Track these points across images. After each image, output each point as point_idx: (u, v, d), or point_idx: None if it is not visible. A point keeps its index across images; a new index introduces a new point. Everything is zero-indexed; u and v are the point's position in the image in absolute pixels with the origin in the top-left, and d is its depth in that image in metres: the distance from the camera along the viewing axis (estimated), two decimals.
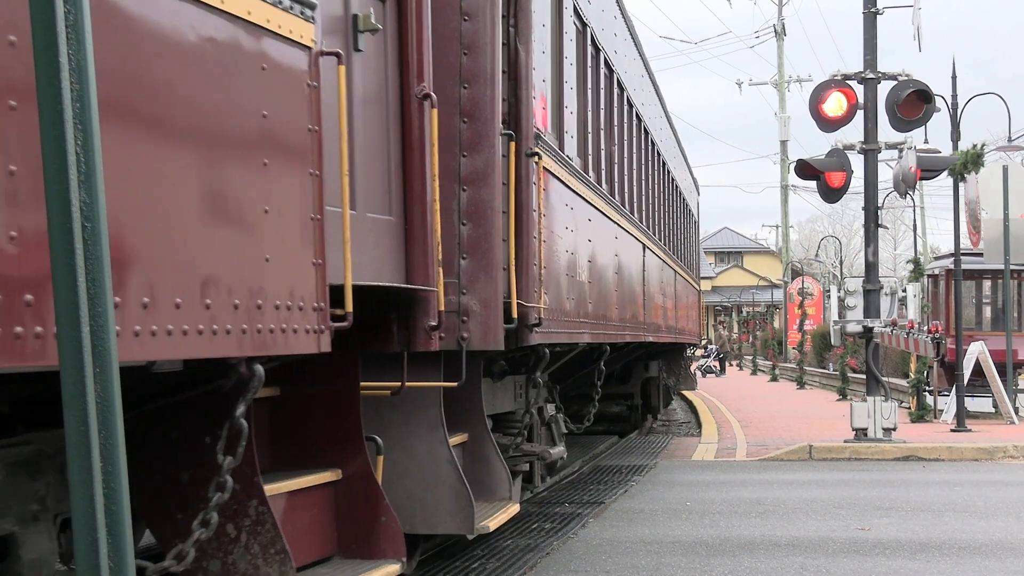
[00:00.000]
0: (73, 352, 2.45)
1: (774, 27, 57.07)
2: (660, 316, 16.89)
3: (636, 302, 13.80)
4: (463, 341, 7.02)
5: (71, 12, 2.45)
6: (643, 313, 14.39)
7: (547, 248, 8.25)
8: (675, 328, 19.96)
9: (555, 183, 8.82)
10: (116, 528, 2.48)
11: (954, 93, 22.70)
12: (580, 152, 10.41)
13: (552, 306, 8.44)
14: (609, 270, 11.69)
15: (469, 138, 7.13)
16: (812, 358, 43.89)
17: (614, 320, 11.83)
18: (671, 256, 19.84)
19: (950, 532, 9.84)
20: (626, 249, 12.98)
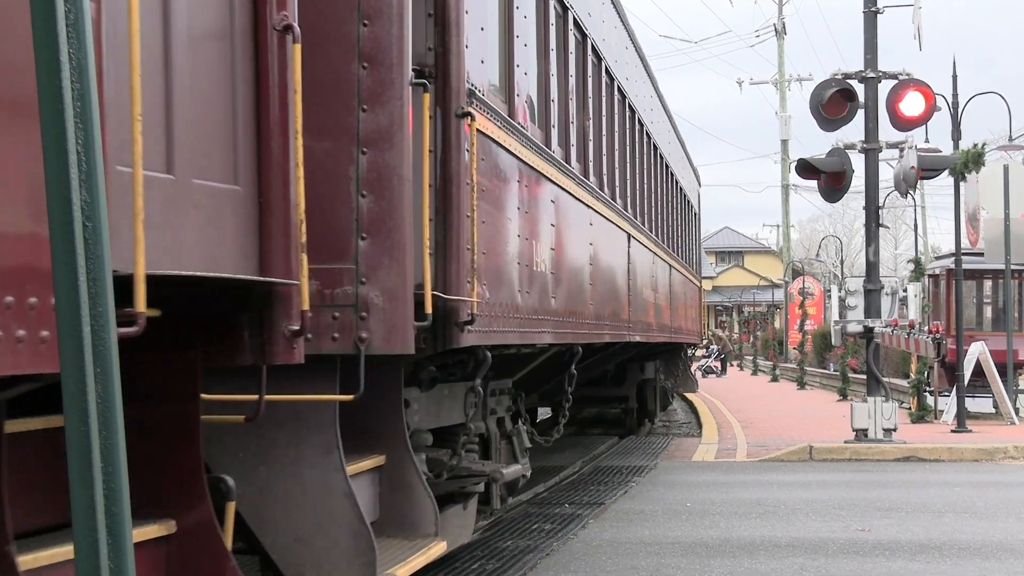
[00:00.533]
0: (73, 352, 2.44)
1: (774, 26, 57.08)
2: (651, 314, 15.57)
3: (619, 298, 12.39)
4: (361, 343, 5.56)
5: (71, 12, 2.44)
6: (628, 310, 12.94)
7: (487, 230, 6.88)
8: (671, 327, 18.50)
9: (501, 153, 7.40)
10: (116, 528, 2.47)
11: (955, 92, 22.70)
12: (541, 123, 8.96)
13: (495, 300, 7.05)
14: (582, 261, 10.19)
15: (370, 87, 5.65)
16: (813, 358, 43.88)
17: (589, 318, 10.37)
18: (665, 249, 18.15)
19: (950, 533, 9.84)
20: (605, 238, 11.50)
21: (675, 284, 19.66)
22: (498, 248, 7.25)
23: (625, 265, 12.93)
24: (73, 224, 2.44)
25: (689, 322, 23.09)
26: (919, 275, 24.32)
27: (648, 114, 16.50)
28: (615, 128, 12.95)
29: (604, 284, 11.41)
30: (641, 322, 14.20)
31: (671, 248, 19.47)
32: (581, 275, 10.16)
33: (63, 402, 2.46)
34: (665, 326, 17.53)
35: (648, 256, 15.40)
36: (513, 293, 7.55)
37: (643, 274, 14.68)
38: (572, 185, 9.73)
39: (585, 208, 10.46)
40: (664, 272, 17.62)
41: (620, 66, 13.61)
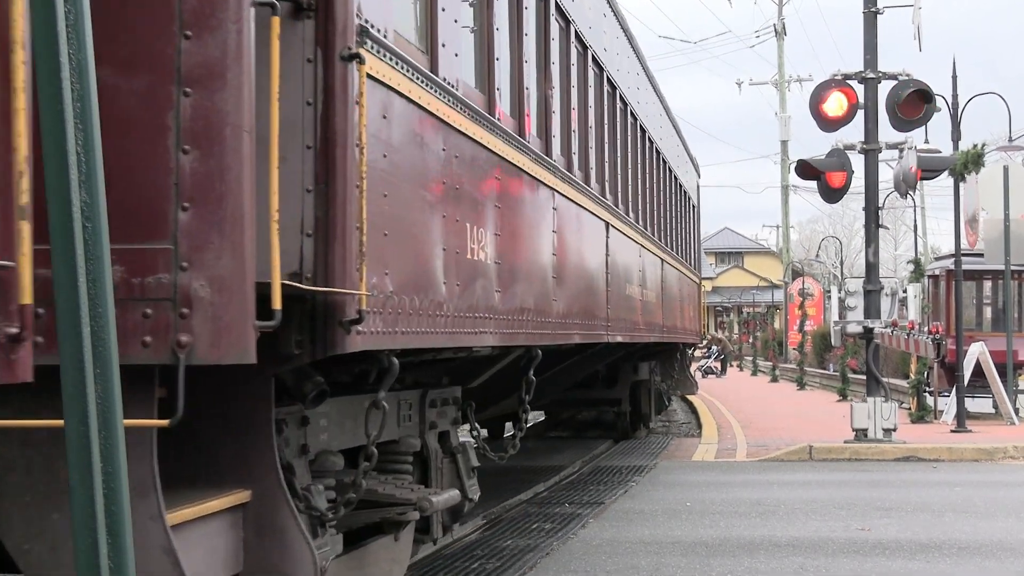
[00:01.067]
0: (73, 352, 2.45)
1: (774, 27, 57.08)
2: (638, 312, 14.12)
3: (594, 294, 10.96)
4: (180, 349, 4.19)
5: (71, 12, 2.45)
6: (606, 308, 11.45)
7: (391, 208, 5.37)
8: (664, 326, 16.87)
9: (415, 114, 5.83)
10: (116, 528, 2.48)
11: (955, 93, 22.70)
12: (481, 84, 7.36)
13: (403, 294, 5.51)
14: (542, 251, 8.70)
15: (196, 7, 4.27)
16: (812, 359, 43.88)
17: (553, 316, 8.90)
18: (657, 242, 16.59)
19: (950, 532, 9.84)
20: (574, 226, 10.11)
21: (669, 280, 17.94)
22: (409, 230, 5.70)
23: (603, 258, 11.45)
24: (73, 224, 2.44)
25: (687, 321, 21.48)
26: (919, 276, 24.32)
27: (633, 92, 14.56)
28: (589, 101, 11.21)
29: (573, 278, 9.93)
30: (624, 321, 12.71)
31: (664, 242, 17.81)
32: (540, 267, 8.65)
33: (63, 402, 2.46)
34: (656, 325, 15.98)
35: (633, 249, 13.82)
36: (433, 286, 6.02)
37: (626, 268, 13.09)
38: (527, 162, 8.12)
39: (547, 191, 8.88)
40: (654, 267, 16.05)
41: (597, 34, 11.60)
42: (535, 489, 12.73)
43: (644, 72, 16.30)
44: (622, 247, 12.76)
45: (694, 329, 23.39)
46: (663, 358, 21.54)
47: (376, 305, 5.12)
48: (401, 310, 5.46)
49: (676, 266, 19.46)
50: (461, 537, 9.69)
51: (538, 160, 8.54)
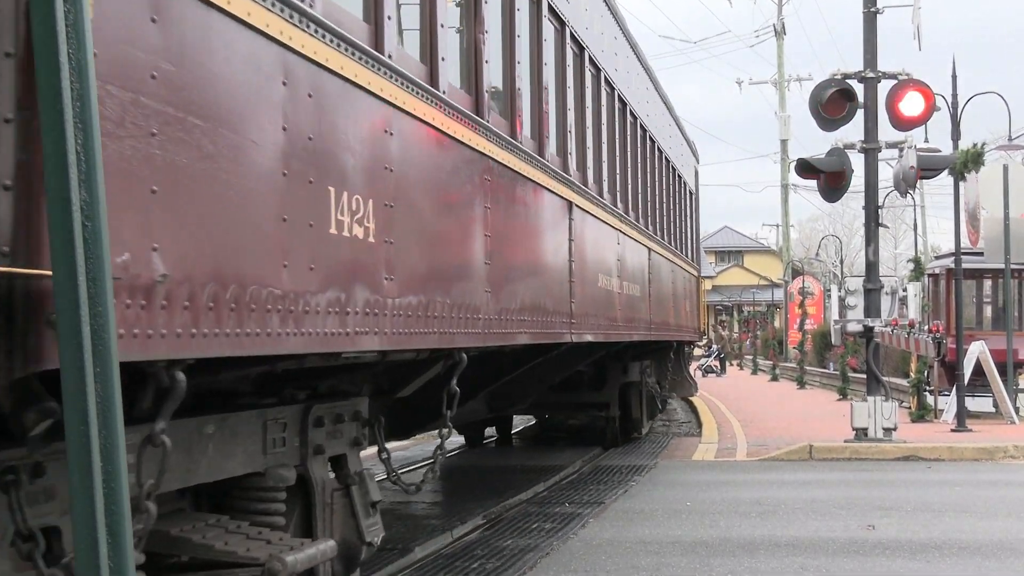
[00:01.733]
0: (73, 352, 2.44)
1: (774, 26, 57.07)
2: (616, 307, 12.29)
3: (551, 285, 9.23)
4: None
5: (71, 12, 2.45)
6: (568, 302, 9.76)
7: (160, 148, 3.60)
8: (654, 323, 15.37)
9: (227, 26, 4.10)
10: (116, 528, 2.48)
11: (954, 92, 22.68)
12: (369, 15, 5.67)
13: (194, 277, 3.84)
14: (464, 230, 7.03)
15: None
16: (812, 358, 43.88)
17: (486, 312, 7.24)
18: (643, 230, 14.85)
19: (950, 532, 9.84)
20: (519, 203, 8.36)
21: (659, 272, 16.30)
22: (206, 188, 3.96)
23: (565, 243, 9.77)
24: (73, 224, 2.44)
25: (683, 317, 19.98)
26: (919, 275, 24.31)
27: (608, 59, 12.60)
28: (543, 56, 9.25)
29: (517, 265, 8.21)
30: (596, 317, 11.10)
31: (653, 230, 16.11)
32: (464, 251, 6.99)
33: (63, 402, 2.46)
34: (642, 322, 14.35)
35: (609, 235, 12.08)
36: (260, 269, 4.36)
37: (599, 257, 11.48)
38: (440, 118, 6.43)
39: (475, 155, 7.12)
40: (639, 256, 14.34)
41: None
42: (535, 489, 12.73)
43: (624, 36, 14.16)
44: (593, 232, 11.06)
45: (691, 326, 21.72)
46: (657, 358, 20.16)
47: (132, 295, 3.41)
48: (190, 303, 3.79)
49: (668, 257, 17.84)
50: (461, 536, 9.70)
51: (465, 120, 6.88)
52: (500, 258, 7.54)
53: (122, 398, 3.56)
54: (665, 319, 17.05)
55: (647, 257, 15.12)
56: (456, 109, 6.72)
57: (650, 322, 15.11)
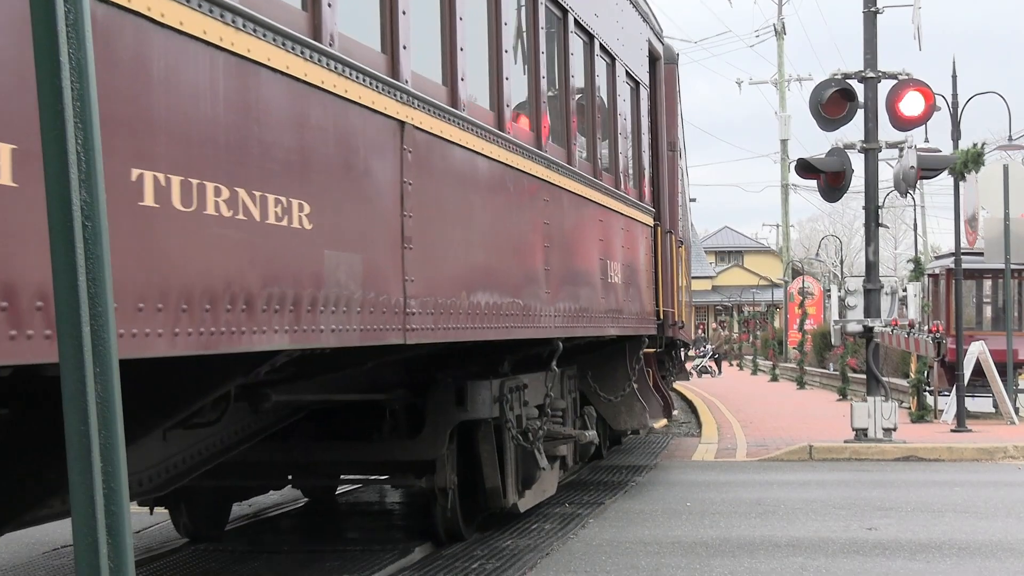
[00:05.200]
0: (73, 352, 2.44)
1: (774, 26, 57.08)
2: (464, 284, 7.33)
3: (375, 253, 6.01)
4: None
5: (71, 12, 2.44)
6: (403, 280, 6.31)
7: None
8: (564, 310, 9.49)
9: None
10: (116, 528, 2.48)
11: (955, 93, 22.70)
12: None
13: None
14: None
15: None
16: (812, 358, 43.86)
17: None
18: (539, 157, 8.96)
19: (950, 532, 9.84)
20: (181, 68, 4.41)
21: (577, 226, 10.31)
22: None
23: (392, 186, 6.26)
24: (73, 224, 2.44)
25: (630, 297, 12.27)
26: (919, 275, 24.31)
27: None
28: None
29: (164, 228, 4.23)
30: (454, 301, 7.05)
31: (569, 159, 9.98)
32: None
33: (63, 402, 2.46)
34: (530, 310, 8.62)
35: (456, 155, 7.32)
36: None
37: (455, 208, 7.25)
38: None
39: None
40: (522, 196, 8.63)
41: None
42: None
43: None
44: (447, 168, 7.11)
45: (649, 310, 13.49)
46: (595, 367, 13.29)
47: None
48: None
49: (600, 201, 11.01)
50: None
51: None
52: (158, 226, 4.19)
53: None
54: (596, 302, 10.65)
55: (546, 197, 9.15)
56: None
57: (560, 309, 9.39)
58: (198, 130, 4.47)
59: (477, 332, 7.42)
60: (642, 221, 13.16)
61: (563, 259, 9.66)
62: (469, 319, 7.24)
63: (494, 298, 7.80)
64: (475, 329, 7.36)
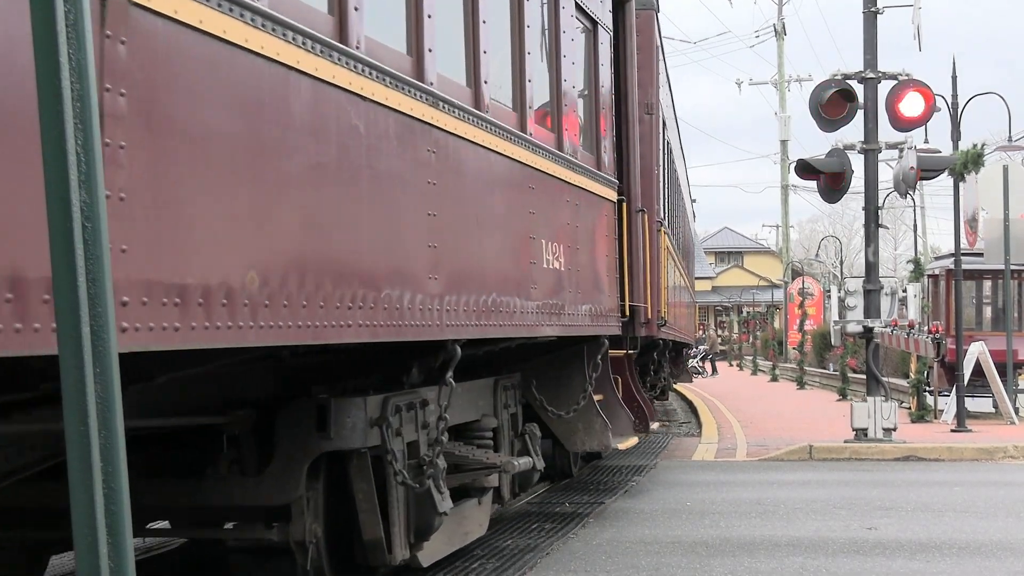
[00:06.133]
0: (73, 352, 2.45)
1: (774, 26, 57.09)
2: (222, 254, 4.43)
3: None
4: None
5: (71, 12, 2.45)
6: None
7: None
8: (466, 304, 6.94)
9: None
10: (116, 528, 2.48)
11: (955, 93, 22.70)
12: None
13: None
14: None
15: None
16: (812, 358, 43.88)
17: None
18: (412, 89, 6.15)
19: (950, 532, 9.84)
20: None
21: (480, 189, 7.53)
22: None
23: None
24: (73, 224, 2.44)
25: (581, 288, 9.61)
26: (919, 275, 24.32)
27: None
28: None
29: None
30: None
31: (476, 100, 7.35)
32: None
33: (63, 402, 2.46)
34: (374, 301, 5.72)
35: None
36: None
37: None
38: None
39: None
40: (364, 136, 5.64)
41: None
42: (535, 489, 12.73)
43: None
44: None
45: (612, 306, 10.71)
46: (543, 375, 10.82)
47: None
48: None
49: (521, 159, 8.13)
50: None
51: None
52: None
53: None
54: (505, 293, 7.74)
55: (427, 151, 6.46)
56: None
57: (439, 302, 6.54)
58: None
59: (264, 334, 4.65)
60: (600, 195, 10.28)
61: (462, 235, 6.90)
62: (252, 314, 4.55)
63: (318, 285, 5.02)
64: (262, 330, 4.62)
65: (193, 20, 4.18)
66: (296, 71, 4.90)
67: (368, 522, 6.98)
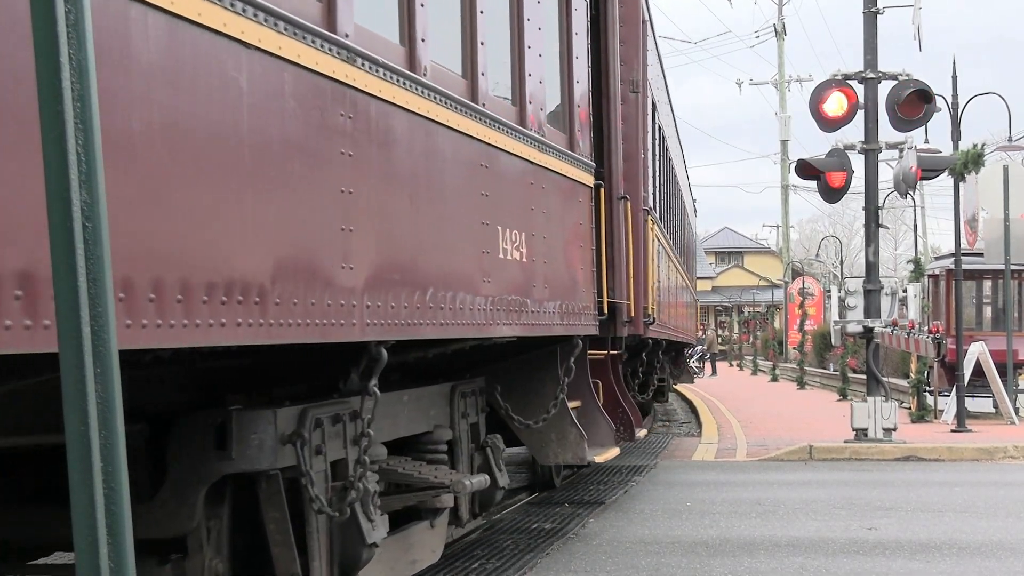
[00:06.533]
0: (73, 352, 2.45)
1: (774, 26, 57.09)
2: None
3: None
4: None
5: (71, 11, 2.45)
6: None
7: None
8: (396, 299, 5.65)
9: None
10: (116, 528, 2.48)
11: (955, 93, 22.70)
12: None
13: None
14: None
15: None
16: (812, 358, 43.89)
17: None
18: (320, 41, 4.88)
19: (950, 532, 9.84)
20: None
21: (415, 165, 6.06)
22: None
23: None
24: (73, 224, 2.44)
25: (549, 282, 8.31)
26: (919, 275, 24.32)
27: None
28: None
29: None
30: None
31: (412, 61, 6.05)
32: None
33: (63, 402, 2.46)
34: (258, 293, 4.44)
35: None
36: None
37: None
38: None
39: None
40: (261, 96, 4.51)
41: None
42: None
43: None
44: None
45: (589, 303, 9.47)
46: (509, 380, 9.49)
47: None
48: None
49: (471, 133, 6.91)
50: (461, 537, 9.70)
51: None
52: None
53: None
54: (450, 287, 6.52)
55: (340, 116, 5.20)
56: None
57: (358, 298, 5.29)
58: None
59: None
60: (573, 178, 9.05)
61: (389, 218, 5.67)
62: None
63: (183, 279, 3.94)
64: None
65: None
66: (152, 7, 3.76)
67: (282, 556, 5.82)
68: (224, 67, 4.24)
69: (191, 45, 4.02)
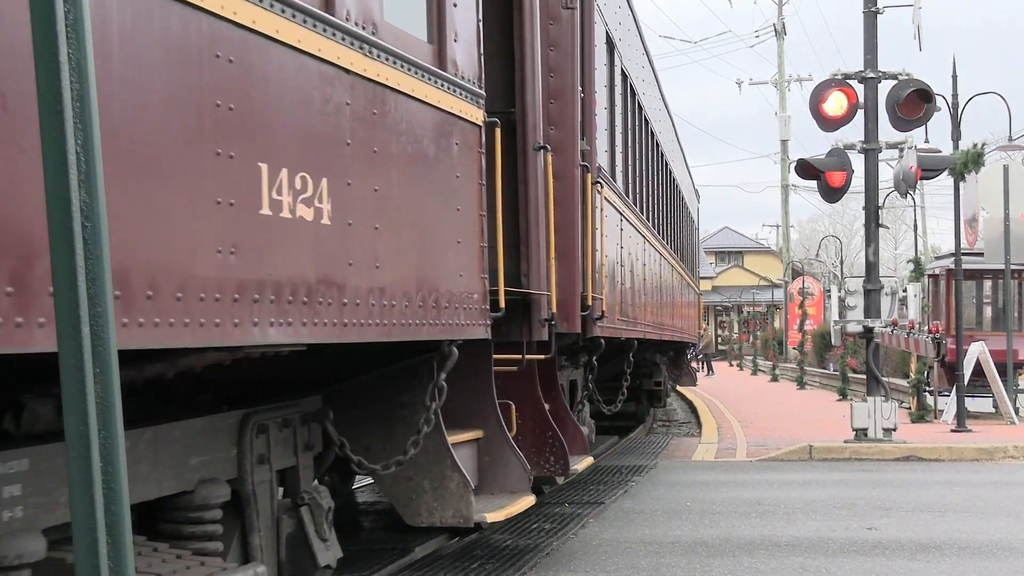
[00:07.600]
0: (73, 352, 2.44)
1: (774, 26, 57.09)
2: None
3: None
4: None
5: (71, 11, 2.44)
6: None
7: None
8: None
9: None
10: (116, 528, 2.48)
11: (955, 93, 22.70)
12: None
13: None
14: None
15: None
16: (812, 358, 43.89)
17: None
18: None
19: (950, 532, 9.84)
20: None
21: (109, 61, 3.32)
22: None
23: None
24: (73, 224, 2.44)
25: (392, 260, 5.51)
26: (919, 275, 24.32)
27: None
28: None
29: None
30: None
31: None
32: None
33: (63, 402, 2.46)
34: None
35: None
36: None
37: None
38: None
39: None
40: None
41: None
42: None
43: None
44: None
45: (458, 289, 6.47)
46: (357, 404, 6.66)
47: None
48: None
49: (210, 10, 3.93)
50: (461, 537, 9.70)
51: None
52: None
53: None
54: (155, 263, 3.62)
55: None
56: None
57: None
58: None
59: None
60: (440, 107, 6.26)
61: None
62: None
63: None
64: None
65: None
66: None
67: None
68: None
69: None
